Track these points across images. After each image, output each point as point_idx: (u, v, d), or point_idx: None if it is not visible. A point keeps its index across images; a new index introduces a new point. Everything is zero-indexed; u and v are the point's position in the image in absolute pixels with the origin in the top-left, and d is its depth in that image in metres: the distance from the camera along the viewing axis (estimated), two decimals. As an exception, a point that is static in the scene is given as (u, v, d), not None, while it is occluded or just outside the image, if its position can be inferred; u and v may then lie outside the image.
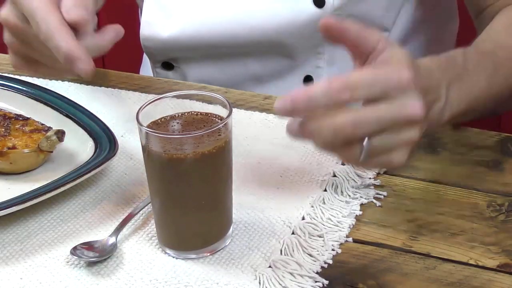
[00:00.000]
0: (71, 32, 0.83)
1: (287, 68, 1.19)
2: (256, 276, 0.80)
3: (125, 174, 0.94)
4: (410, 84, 0.80)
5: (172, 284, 0.79)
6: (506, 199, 0.89)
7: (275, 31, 1.14)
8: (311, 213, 0.87)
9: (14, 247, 0.84)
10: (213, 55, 1.19)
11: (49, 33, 0.82)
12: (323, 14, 1.12)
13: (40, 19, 0.83)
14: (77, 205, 0.90)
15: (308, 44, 1.16)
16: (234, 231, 0.85)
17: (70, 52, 0.82)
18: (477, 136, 0.99)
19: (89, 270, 0.81)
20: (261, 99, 1.07)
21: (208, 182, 0.80)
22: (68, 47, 0.82)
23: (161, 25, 1.17)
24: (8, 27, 0.88)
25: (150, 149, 0.79)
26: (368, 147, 0.79)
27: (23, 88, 1.05)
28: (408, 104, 0.79)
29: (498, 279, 0.79)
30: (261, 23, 1.14)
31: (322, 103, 0.78)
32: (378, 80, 0.79)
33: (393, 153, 0.81)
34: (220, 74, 1.20)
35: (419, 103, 0.80)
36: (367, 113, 0.79)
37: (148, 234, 0.85)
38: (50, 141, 0.93)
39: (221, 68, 1.20)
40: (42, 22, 0.82)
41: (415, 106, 0.79)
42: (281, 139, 0.99)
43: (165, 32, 1.17)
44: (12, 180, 0.92)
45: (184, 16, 1.17)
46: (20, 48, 0.89)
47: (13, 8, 0.86)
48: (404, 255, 0.82)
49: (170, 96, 0.84)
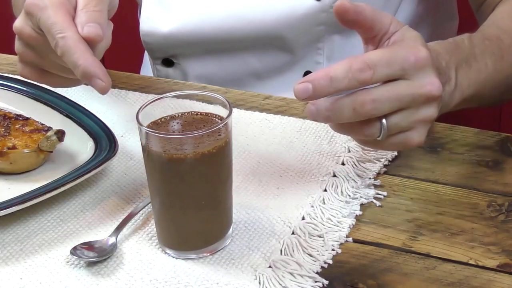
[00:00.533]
0: (88, 48, 0.83)
1: (286, 64, 1.19)
2: (256, 276, 0.80)
3: (125, 174, 0.94)
4: (428, 61, 0.81)
5: (172, 284, 0.79)
6: (506, 199, 0.89)
7: (274, 25, 1.14)
8: (311, 213, 0.87)
9: (14, 247, 0.84)
10: (213, 51, 1.19)
11: (67, 49, 0.82)
12: (321, 7, 1.13)
13: (57, 35, 0.82)
14: (77, 205, 0.90)
15: (307, 38, 1.16)
16: (234, 231, 0.85)
17: (87, 69, 0.82)
18: (477, 136, 0.99)
19: (89, 270, 0.81)
20: (261, 99, 1.07)
21: (208, 182, 0.81)
22: (86, 64, 0.82)
23: (161, 20, 1.17)
24: (22, 38, 0.88)
25: (150, 149, 0.79)
26: (388, 125, 0.80)
27: (23, 88, 1.05)
28: (426, 82, 0.80)
29: (498, 279, 0.79)
30: (260, 17, 1.14)
31: (344, 84, 0.78)
32: (397, 58, 0.79)
33: (412, 132, 0.82)
34: (220, 70, 1.20)
35: (437, 80, 0.81)
36: (387, 90, 0.79)
37: (148, 234, 0.85)
38: (50, 141, 0.93)
39: (221, 64, 1.20)
40: (59, 38, 0.82)
41: (434, 84, 0.81)
42: (281, 139, 0.99)
43: (165, 27, 1.17)
44: (12, 180, 0.92)
45: (184, 10, 1.17)
46: (32, 58, 0.89)
47: (28, 19, 0.86)
48: (404, 255, 0.82)
49: (170, 96, 0.84)
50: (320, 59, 1.18)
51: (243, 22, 1.15)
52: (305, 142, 0.98)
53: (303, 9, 1.13)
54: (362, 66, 0.78)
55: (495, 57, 0.95)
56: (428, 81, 0.81)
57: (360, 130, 0.82)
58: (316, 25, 1.14)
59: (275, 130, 1.01)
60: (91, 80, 0.82)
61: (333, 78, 0.77)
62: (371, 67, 0.78)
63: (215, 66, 1.20)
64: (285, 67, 1.19)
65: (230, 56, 1.19)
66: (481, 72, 0.93)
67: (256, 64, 1.19)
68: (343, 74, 0.78)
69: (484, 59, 0.94)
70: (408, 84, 0.80)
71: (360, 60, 0.78)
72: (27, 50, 0.88)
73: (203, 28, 1.16)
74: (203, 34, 1.17)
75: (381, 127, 0.80)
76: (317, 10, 1.13)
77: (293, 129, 1.00)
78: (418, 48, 0.81)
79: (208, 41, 1.18)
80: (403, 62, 0.80)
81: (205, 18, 1.16)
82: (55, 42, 0.83)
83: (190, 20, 1.16)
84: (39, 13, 0.84)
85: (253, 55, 1.19)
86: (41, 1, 0.85)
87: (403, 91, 0.80)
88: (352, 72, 0.78)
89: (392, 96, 0.79)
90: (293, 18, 1.14)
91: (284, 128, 1.01)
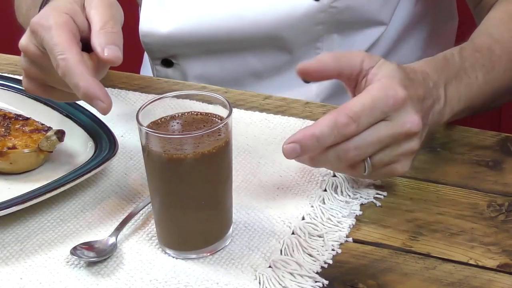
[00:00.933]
0: (88, 70, 0.83)
1: (286, 63, 1.19)
2: (256, 276, 0.80)
3: (125, 174, 0.94)
4: (405, 101, 0.84)
5: (172, 284, 0.79)
6: (506, 199, 0.89)
7: (273, 25, 1.15)
8: (311, 213, 0.87)
9: (14, 247, 0.84)
10: (212, 51, 1.19)
11: (67, 70, 0.83)
12: (319, 7, 1.13)
13: (58, 56, 0.83)
14: (77, 205, 0.90)
15: (306, 38, 1.16)
16: (234, 231, 0.85)
17: (88, 91, 0.82)
18: (477, 136, 0.99)
19: (89, 270, 0.81)
20: (261, 99, 1.07)
21: (208, 182, 0.80)
22: (86, 86, 0.82)
23: (160, 21, 1.17)
24: (27, 55, 0.88)
25: (150, 149, 0.79)
26: (372, 163, 0.85)
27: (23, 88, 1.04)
28: (406, 120, 0.84)
29: (498, 279, 0.79)
30: (258, 17, 1.15)
31: (330, 140, 0.83)
32: (377, 104, 0.83)
33: (396, 164, 0.86)
34: (219, 70, 1.20)
35: (416, 117, 0.84)
36: (369, 135, 0.83)
37: (148, 234, 0.85)
38: (50, 141, 0.93)
39: (221, 64, 1.20)
40: (60, 59, 0.83)
41: (414, 121, 0.84)
42: (281, 139, 0.98)
43: (164, 28, 1.17)
44: (12, 180, 0.92)
45: (183, 11, 1.17)
46: (36, 74, 0.89)
47: (33, 37, 0.87)
48: (404, 255, 0.82)
49: (170, 96, 0.84)
50: None
51: (242, 22, 1.15)
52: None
53: (302, 9, 1.13)
54: (347, 121, 0.82)
55: (485, 69, 0.97)
56: (408, 119, 0.84)
57: (346, 171, 0.87)
58: (314, 25, 1.14)
59: (275, 130, 1.01)
60: (92, 102, 0.82)
61: (320, 138, 0.82)
62: (355, 120, 0.82)
63: (214, 66, 1.20)
64: (284, 67, 1.19)
65: (229, 56, 1.19)
66: (472, 86, 0.96)
67: (255, 64, 1.20)
68: (328, 132, 0.82)
69: (475, 73, 0.96)
70: (388, 125, 0.84)
71: (344, 114, 0.82)
72: (32, 66, 0.89)
73: (202, 28, 1.17)
74: (202, 35, 1.17)
75: (365, 166, 0.85)
76: (316, 10, 1.13)
77: (293, 129, 1.00)
78: (395, 89, 0.84)
79: (207, 42, 1.18)
80: (383, 106, 0.83)
81: (204, 19, 1.16)
82: (56, 63, 0.83)
83: (189, 21, 1.17)
84: (43, 32, 0.85)
85: (252, 55, 1.19)
86: (46, 20, 0.85)
87: (384, 134, 0.84)
88: (337, 128, 0.82)
89: (374, 140, 0.84)
90: (292, 18, 1.14)
91: (284, 128, 1.01)
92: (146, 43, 1.19)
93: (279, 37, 1.16)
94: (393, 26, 1.20)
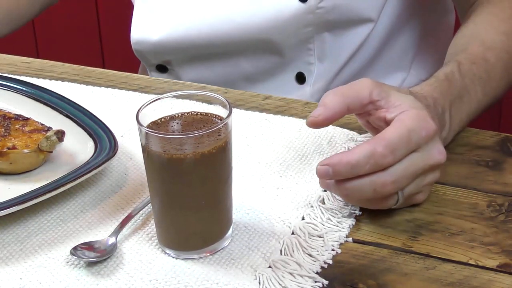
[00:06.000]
0: None
1: (278, 66, 1.19)
2: (256, 276, 0.80)
3: (125, 174, 0.94)
4: (436, 133, 0.85)
5: (172, 284, 0.79)
6: (506, 199, 0.89)
7: (262, 28, 1.15)
8: (311, 213, 0.87)
9: (14, 247, 0.84)
10: (204, 56, 1.20)
11: None
12: (307, 8, 1.13)
13: None
14: (77, 205, 0.90)
15: (296, 40, 1.16)
16: (234, 231, 0.85)
17: None
18: (477, 136, 0.99)
19: (89, 270, 0.81)
20: (261, 99, 1.07)
21: (208, 182, 0.81)
22: None
23: (151, 28, 1.18)
24: None
25: (150, 149, 0.79)
26: (404, 195, 0.84)
27: (23, 88, 1.05)
28: (436, 152, 0.85)
29: (498, 279, 0.79)
30: (247, 21, 1.15)
31: (365, 170, 0.81)
32: (412, 136, 0.83)
33: (419, 194, 0.87)
34: (212, 75, 1.21)
35: (443, 148, 0.85)
36: (404, 169, 0.83)
37: (148, 234, 0.85)
38: (50, 141, 0.93)
39: (214, 69, 1.21)
40: None
41: (442, 152, 0.85)
42: (281, 139, 0.99)
43: (155, 35, 1.18)
44: (12, 180, 0.92)
45: (173, 18, 1.18)
46: None
47: None
48: (404, 255, 0.82)
49: (170, 96, 0.84)
50: (311, 59, 1.18)
51: (231, 26, 1.15)
52: (305, 142, 0.98)
53: (289, 12, 1.13)
54: (385, 152, 0.81)
55: (483, 81, 0.98)
56: (437, 150, 0.85)
57: (378, 204, 0.86)
58: (303, 26, 1.14)
59: (275, 130, 1.01)
60: None
61: (355, 166, 0.81)
62: (392, 152, 0.81)
63: (207, 71, 1.21)
64: (276, 70, 1.20)
65: (222, 60, 1.20)
66: (472, 102, 0.96)
67: (247, 67, 1.20)
68: (365, 161, 0.81)
69: (474, 87, 0.97)
70: (420, 157, 0.84)
71: (383, 145, 0.81)
72: None
73: (192, 34, 1.17)
74: (192, 40, 1.17)
75: (398, 198, 0.84)
76: (303, 12, 1.13)
77: (293, 129, 1.00)
78: (427, 121, 0.84)
79: (198, 47, 1.18)
80: (418, 138, 0.83)
81: (194, 24, 1.17)
82: None
83: (179, 27, 1.17)
84: None
85: (244, 59, 1.19)
86: None
87: (418, 166, 0.84)
88: (374, 158, 0.81)
89: (409, 173, 0.83)
90: (280, 21, 1.14)
91: (284, 128, 1.01)
92: (138, 50, 1.20)
93: (269, 40, 1.16)
94: (381, 24, 1.20)
